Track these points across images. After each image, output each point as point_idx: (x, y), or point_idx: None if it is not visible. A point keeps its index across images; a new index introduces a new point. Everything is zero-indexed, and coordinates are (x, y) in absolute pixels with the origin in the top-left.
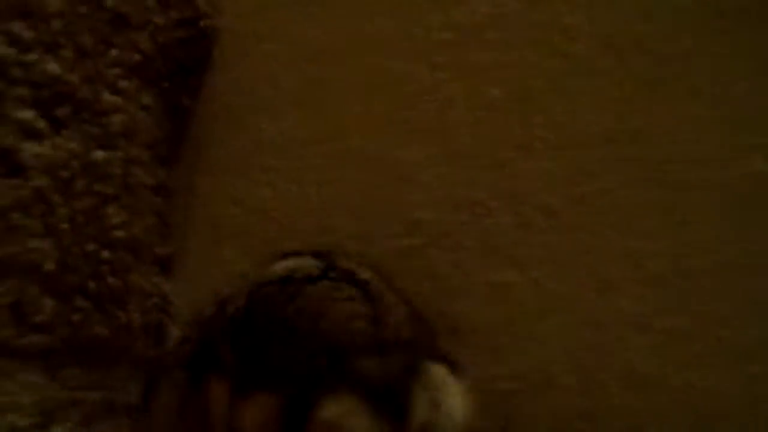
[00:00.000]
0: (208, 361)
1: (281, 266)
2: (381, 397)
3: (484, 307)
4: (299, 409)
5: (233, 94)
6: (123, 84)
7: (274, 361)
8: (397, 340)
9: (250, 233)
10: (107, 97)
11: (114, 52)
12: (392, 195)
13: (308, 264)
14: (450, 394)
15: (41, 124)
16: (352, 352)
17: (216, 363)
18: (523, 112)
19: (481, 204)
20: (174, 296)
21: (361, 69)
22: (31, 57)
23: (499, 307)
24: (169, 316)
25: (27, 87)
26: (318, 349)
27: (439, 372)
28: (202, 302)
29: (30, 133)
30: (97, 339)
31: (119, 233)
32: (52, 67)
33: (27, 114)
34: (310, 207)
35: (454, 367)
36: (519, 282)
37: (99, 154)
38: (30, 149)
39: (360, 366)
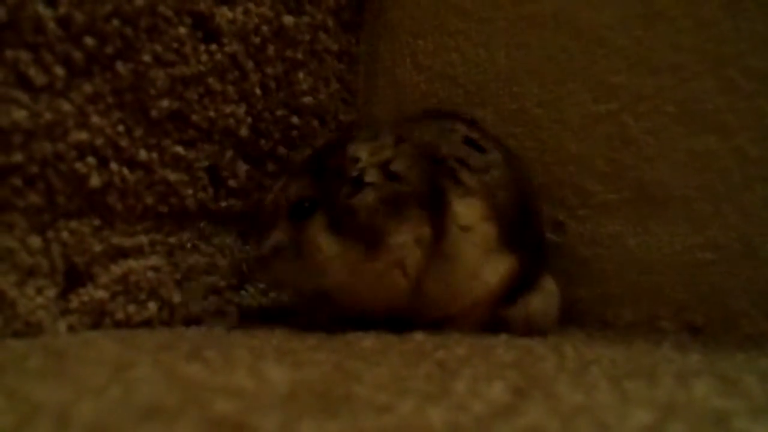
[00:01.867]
0: None
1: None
2: None
3: (684, 176)
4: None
5: None
6: None
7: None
8: None
9: (436, 99)
10: None
11: None
12: (585, 59)
13: None
14: None
15: None
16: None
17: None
18: None
19: (683, 67)
20: None
21: None
22: None
23: (699, 176)
24: None
25: None
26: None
27: None
28: None
29: None
30: None
31: (307, 99)
32: None
33: None
34: (498, 72)
35: None
36: (722, 149)
37: (288, 19)
38: (224, 14)
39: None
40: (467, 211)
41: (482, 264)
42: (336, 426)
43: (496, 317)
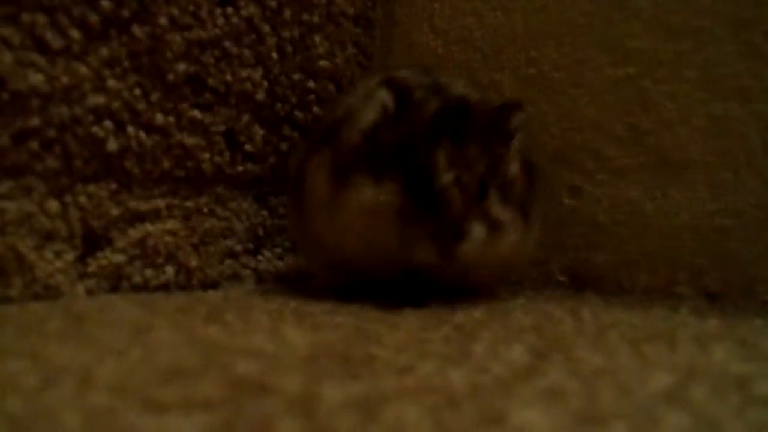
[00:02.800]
0: None
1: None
2: None
3: (703, 141)
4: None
5: None
6: None
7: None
8: None
9: (452, 63)
10: None
11: None
12: (603, 23)
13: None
14: None
15: None
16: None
17: None
18: None
19: (703, 31)
20: None
21: None
22: None
23: (718, 141)
24: None
25: None
26: None
27: None
28: None
29: None
30: None
31: (323, 63)
32: None
33: None
34: (516, 36)
35: None
36: (741, 115)
37: None
38: None
39: None
40: None
41: None
42: (358, 387)
43: None
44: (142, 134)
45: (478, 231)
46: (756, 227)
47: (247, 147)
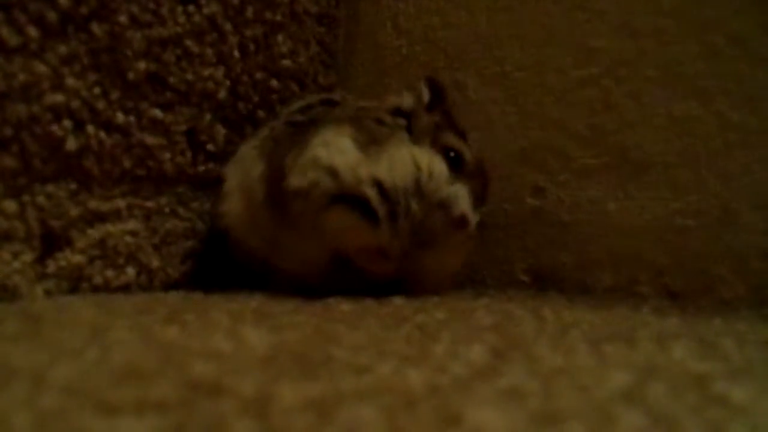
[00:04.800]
0: None
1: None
2: None
3: (664, 141)
4: None
5: None
6: None
7: None
8: None
9: (416, 63)
10: None
11: None
12: (567, 23)
13: None
14: None
15: None
16: None
17: None
18: None
19: (664, 31)
20: None
21: None
22: None
23: (680, 141)
24: None
25: None
26: None
27: None
28: None
29: None
30: None
31: (286, 62)
32: None
33: None
34: (479, 36)
35: None
36: (703, 114)
37: None
38: None
39: None
40: None
41: None
42: (315, 388)
43: None
44: (102, 133)
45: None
46: (717, 227)
47: (209, 146)
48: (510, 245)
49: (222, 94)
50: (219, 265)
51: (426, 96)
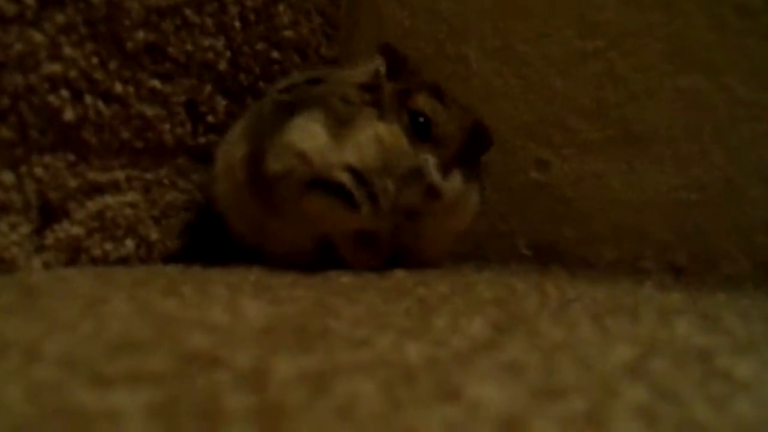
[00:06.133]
0: None
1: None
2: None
3: (669, 114)
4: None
5: None
6: None
7: None
8: None
9: (419, 35)
10: None
11: None
12: None
13: None
14: None
15: None
16: None
17: None
18: None
19: (672, 3)
20: None
21: None
22: None
23: (685, 114)
24: None
25: None
26: None
27: None
28: None
29: None
30: None
31: (288, 33)
32: None
33: None
34: (483, 8)
35: None
36: (709, 88)
37: None
38: None
39: None
40: None
41: None
42: (311, 360)
43: None
44: (100, 104)
45: (457, 177)
46: (721, 201)
47: (209, 118)
48: (513, 219)
49: (222, 65)
50: (217, 240)
51: (382, 66)
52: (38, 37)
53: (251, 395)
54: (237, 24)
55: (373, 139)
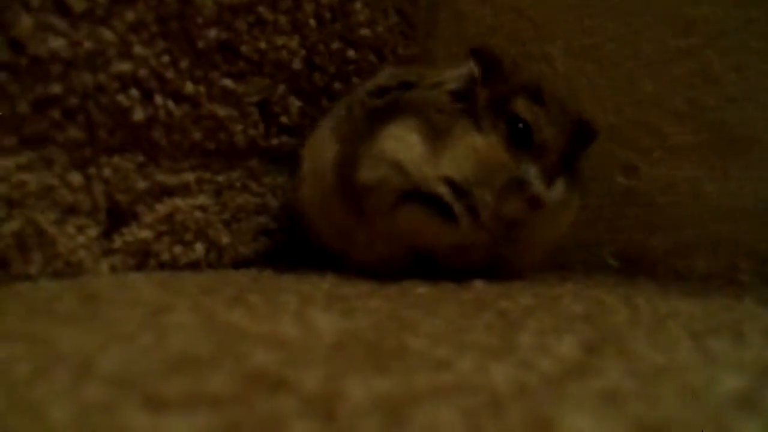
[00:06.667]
0: None
1: None
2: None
3: None
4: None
5: None
6: None
7: None
8: None
9: (501, 33)
10: None
11: None
12: None
13: None
14: None
15: None
16: None
17: None
18: None
19: None
20: None
21: None
22: None
23: None
24: None
25: None
26: None
27: None
28: None
29: None
30: None
31: (364, 32)
32: None
33: None
34: (569, 4)
35: None
36: None
37: None
38: None
39: None
40: None
41: None
42: (385, 384)
43: None
44: (171, 104)
45: (561, 184)
46: None
47: (283, 119)
48: (598, 227)
49: (296, 64)
50: (295, 245)
51: (476, 71)
52: (108, 34)
53: (319, 424)
54: (312, 22)
55: (471, 150)
